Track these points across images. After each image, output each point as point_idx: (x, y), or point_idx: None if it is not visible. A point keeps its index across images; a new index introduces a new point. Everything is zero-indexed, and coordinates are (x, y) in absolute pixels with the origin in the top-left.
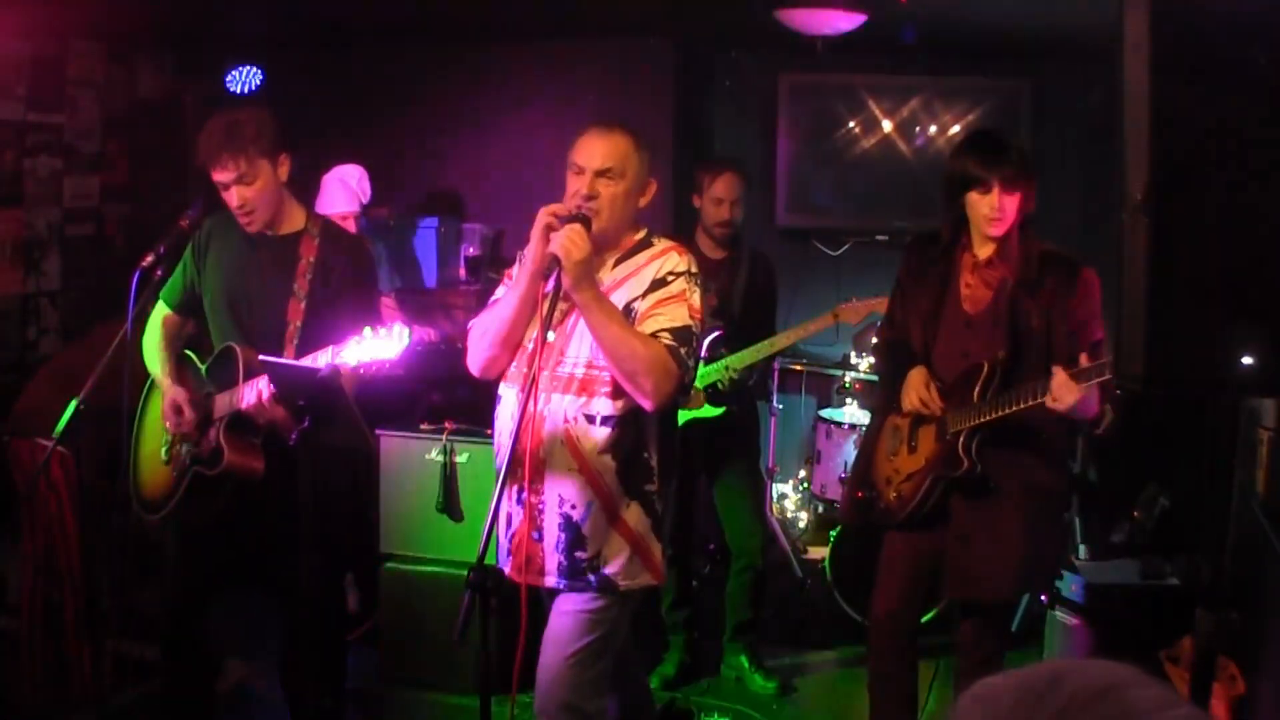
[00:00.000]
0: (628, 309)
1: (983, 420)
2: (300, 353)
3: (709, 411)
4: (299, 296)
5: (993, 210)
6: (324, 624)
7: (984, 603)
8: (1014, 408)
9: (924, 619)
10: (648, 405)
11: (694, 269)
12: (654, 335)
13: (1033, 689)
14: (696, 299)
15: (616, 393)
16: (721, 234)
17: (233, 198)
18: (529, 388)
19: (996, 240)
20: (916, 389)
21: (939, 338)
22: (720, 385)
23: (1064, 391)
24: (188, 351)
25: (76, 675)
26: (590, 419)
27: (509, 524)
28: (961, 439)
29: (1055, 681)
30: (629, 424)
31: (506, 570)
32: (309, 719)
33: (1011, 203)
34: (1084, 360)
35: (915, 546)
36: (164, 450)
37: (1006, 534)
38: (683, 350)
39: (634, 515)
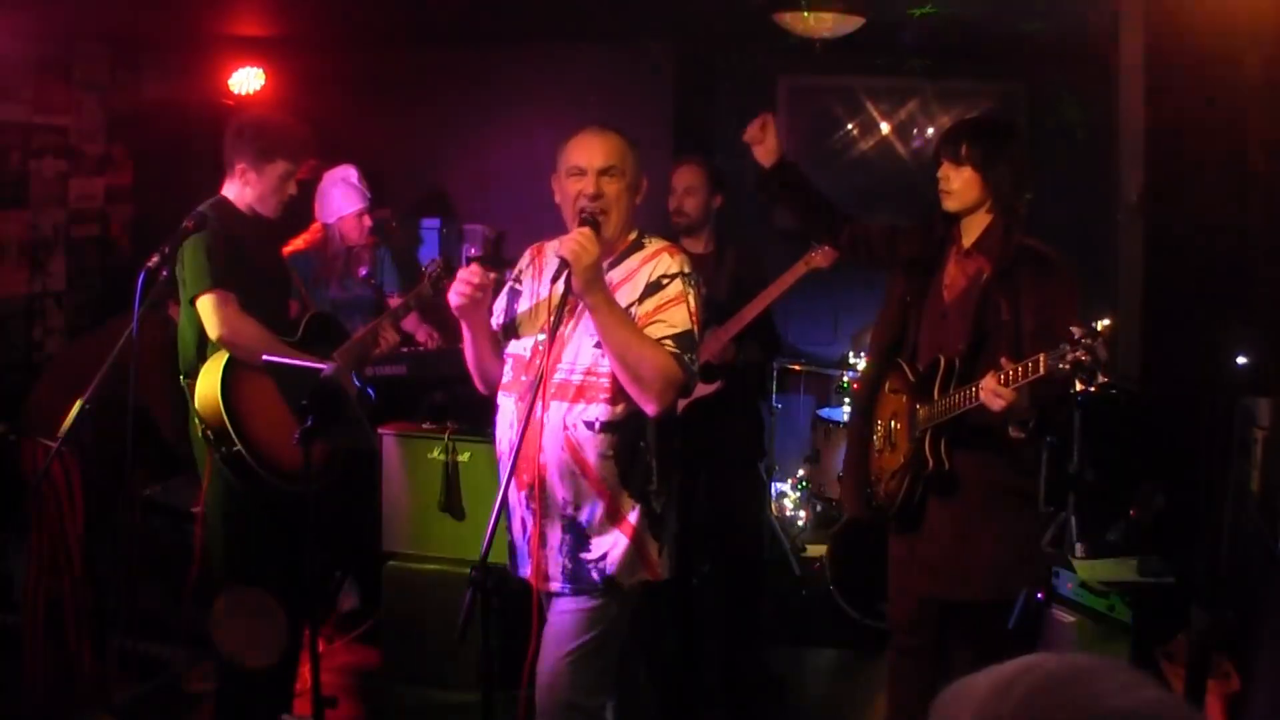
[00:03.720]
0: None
1: (938, 419)
2: None
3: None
4: None
5: (940, 180)
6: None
7: (954, 602)
8: (959, 409)
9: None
10: (650, 410)
11: (688, 269)
12: (657, 342)
13: (1005, 677)
14: (694, 300)
15: (614, 398)
16: (676, 222)
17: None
18: (534, 393)
19: (955, 214)
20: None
21: (921, 327)
22: (712, 360)
23: (990, 396)
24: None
25: (81, 673)
26: (589, 425)
27: (524, 529)
28: (927, 437)
29: (1027, 669)
30: (628, 428)
31: (525, 575)
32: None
33: (960, 177)
34: (1005, 364)
35: (913, 550)
36: None
37: (972, 534)
38: (686, 356)
39: (635, 515)
